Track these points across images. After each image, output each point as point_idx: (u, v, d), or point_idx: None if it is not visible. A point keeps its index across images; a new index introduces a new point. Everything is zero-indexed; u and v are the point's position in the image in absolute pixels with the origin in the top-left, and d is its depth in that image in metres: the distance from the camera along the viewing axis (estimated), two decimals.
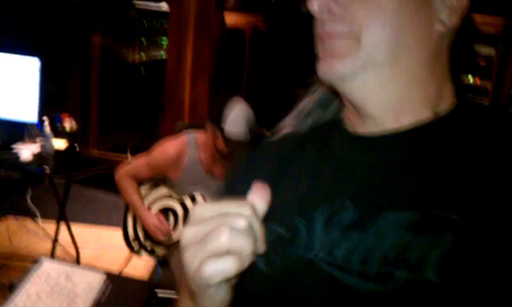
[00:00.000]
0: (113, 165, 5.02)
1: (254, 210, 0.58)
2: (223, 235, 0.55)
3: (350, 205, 0.67)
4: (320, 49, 0.71)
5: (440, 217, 0.61)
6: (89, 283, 1.29)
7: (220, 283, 0.57)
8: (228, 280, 0.57)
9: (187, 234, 0.58)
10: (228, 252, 0.55)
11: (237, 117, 2.30)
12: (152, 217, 2.57)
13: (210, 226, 0.56)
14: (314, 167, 0.76)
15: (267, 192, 0.60)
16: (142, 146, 5.45)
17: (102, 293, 1.27)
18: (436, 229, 0.60)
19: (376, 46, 0.67)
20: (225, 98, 2.38)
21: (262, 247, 0.58)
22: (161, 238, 2.59)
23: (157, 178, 2.64)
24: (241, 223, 0.56)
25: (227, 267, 0.55)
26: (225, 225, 0.56)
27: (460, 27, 0.71)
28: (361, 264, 0.62)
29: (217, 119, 2.33)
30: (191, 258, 0.57)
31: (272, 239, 0.69)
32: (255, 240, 0.56)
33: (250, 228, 0.56)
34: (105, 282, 1.31)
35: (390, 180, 0.67)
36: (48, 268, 1.31)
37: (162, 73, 4.85)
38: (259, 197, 0.59)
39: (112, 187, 4.70)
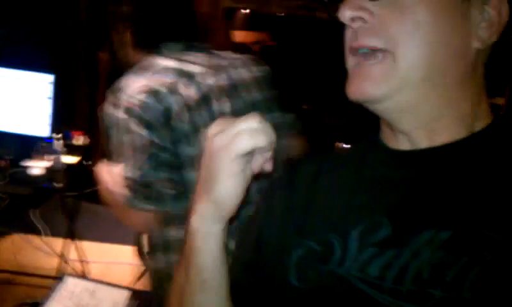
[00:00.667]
0: None
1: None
2: (243, 120, 0.67)
3: (385, 222, 0.67)
4: (351, 64, 0.69)
5: (476, 235, 0.60)
6: (114, 300, 1.27)
7: (243, 157, 0.67)
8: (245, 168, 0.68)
9: (213, 128, 0.69)
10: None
11: None
12: None
13: (233, 120, 0.68)
14: (351, 183, 0.76)
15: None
16: None
17: None
18: (473, 248, 0.59)
19: (413, 67, 0.65)
20: None
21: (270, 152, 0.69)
22: None
23: None
24: (259, 123, 0.67)
25: (261, 139, 0.66)
26: (245, 118, 0.68)
27: (497, 42, 0.69)
28: (394, 282, 0.62)
29: None
30: (224, 138, 0.67)
31: (306, 254, 0.71)
32: (268, 135, 0.67)
33: (265, 127, 0.67)
34: (130, 298, 1.29)
35: (426, 197, 0.67)
36: (71, 285, 1.29)
37: None
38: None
39: None
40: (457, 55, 0.66)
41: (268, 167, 0.69)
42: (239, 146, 0.66)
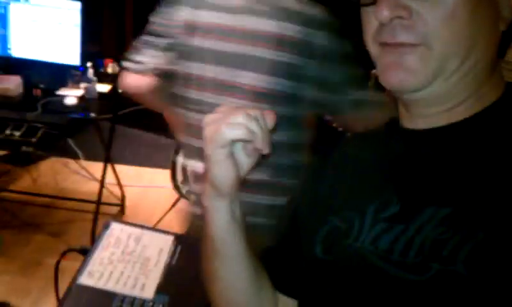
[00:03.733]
0: None
1: (265, 115, 0.75)
2: (239, 114, 0.72)
3: (395, 199, 0.72)
4: (386, 57, 0.69)
5: (473, 212, 0.63)
6: (159, 245, 1.30)
7: (230, 145, 0.73)
8: (239, 152, 0.76)
9: (209, 116, 0.75)
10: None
11: None
12: None
13: (231, 110, 0.74)
14: (370, 163, 0.81)
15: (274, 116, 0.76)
16: None
17: (172, 255, 1.28)
18: (469, 224, 0.62)
19: (449, 57, 0.66)
20: None
21: (265, 143, 0.73)
22: None
23: None
24: (254, 114, 0.73)
25: (239, 132, 0.72)
26: (243, 110, 0.73)
27: None
28: (400, 255, 0.67)
29: None
30: (212, 127, 0.73)
31: (330, 230, 0.78)
32: (262, 129, 0.73)
33: (260, 119, 0.73)
34: (174, 243, 1.31)
35: (431, 174, 0.70)
36: (117, 231, 1.32)
37: None
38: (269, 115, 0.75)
39: (151, 126, 4.73)
40: (488, 42, 0.68)
41: (265, 151, 0.74)
42: (222, 137, 0.72)
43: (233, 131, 0.72)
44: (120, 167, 3.60)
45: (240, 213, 0.81)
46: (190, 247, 1.29)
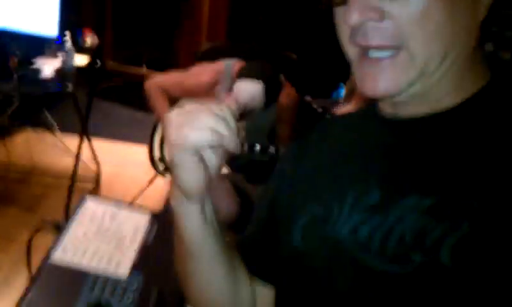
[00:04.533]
0: (129, 78, 4.97)
1: (231, 110, 0.69)
2: (205, 113, 0.67)
3: (375, 187, 0.70)
4: (365, 68, 0.67)
5: (459, 203, 0.61)
6: (135, 223, 1.28)
7: (197, 151, 0.67)
8: (206, 157, 0.69)
9: (173, 114, 0.68)
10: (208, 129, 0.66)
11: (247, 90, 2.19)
12: None
13: (195, 111, 0.67)
14: (349, 150, 0.78)
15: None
16: (158, 59, 5.36)
17: (148, 233, 1.26)
18: (454, 215, 0.61)
19: (429, 59, 0.64)
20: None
21: (235, 143, 0.68)
22: None
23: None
24: (221, 112, 0.67)
25: (205, 137, 0.66)
26: (207, 110, 0.67)
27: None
28: (380, 245, 0.65)
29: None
30: (176, 131, 0.67)
31: (309, 218, 0.76)
32: (230, 129, 0.67)
33: (228, 118, 0.68)
34: (150, 222, 1.30)
35: (413, 163, 0.68)
36: (92, 207, 1.29)
37: None
38: (234, 104, 0.71)
39: (129, 101, 4.67)
40: (469, 34, 0.65)
41: (235, 150, 0.69)
42: (187, 142, 0.67)
43: (199, 136, 0.66)
44: (96, 142, 3.55)
45: (211, 213, 0.77)
46: (166, 226, 1.28)
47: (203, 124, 0.66)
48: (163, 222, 1.30)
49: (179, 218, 0.76)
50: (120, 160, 3.88)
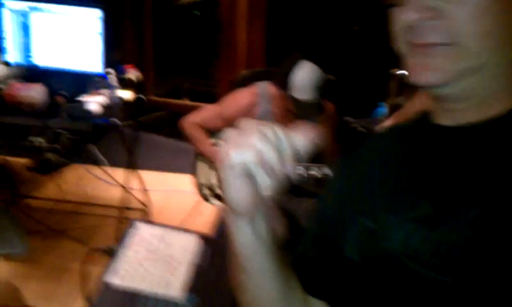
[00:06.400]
0: (172, 110, 5.07)
1: (290, 137, 0.67)
2: (253, 133, 0.66)
3: (425, 198, 0.71)
4: (415, 58, 0.69)
5: (502, 214, 0.63)
6: (184, 246, 1.30)
7: (243, 169, 0.66)
8: (254, 182, 0.67)
9: (228, 132, 0.69)
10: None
11: (303, 83, 2.22)
12: None
13: (246, 129, 0.67)
14: (399, 161, 0.80)
15: (313, 134, 0.68)
16: (198, 90, 5.45)
17: (197, 255, 1.28)
18: (497, 226, 0.62)
19: (478, 53, 0.66)
20: (289, 58, 2.31)
21: (287, 167, 0.66)
22: None
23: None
24: (272, 135, 0.66)
25: (247, 155, 0.65)
26: (257, 130, 0.66)
27: None
28: (432, 256, 0.67)
29: (283, 82, 2.27)
30: (224, 148, 0.68)
31: (359, 231, 0.78)
32: (280, 153, 0.65)
33: (278, 142, 0.66)
34: (198, 242, 1.32)
35: (462, 173, 0.69)
36: (142, 231, 1.33)
37: (216, 14, 4.75)
38: (302, 136, 0.68)
39: (172, 132, 4.75)
40: None
41: (286, 171, 0.67)
42: (230, 159, 0.68)
43: (240, 154, 0.66)
44: (142, 173, 3.62)
45: (266, 230, 0.76)
46: (215, 247, 1.30)
47: (248, 143, 0.66)
48: (211, 243, 1.32)
49: (231, 232, 0.77)
50: (167, 189, 3.94)
